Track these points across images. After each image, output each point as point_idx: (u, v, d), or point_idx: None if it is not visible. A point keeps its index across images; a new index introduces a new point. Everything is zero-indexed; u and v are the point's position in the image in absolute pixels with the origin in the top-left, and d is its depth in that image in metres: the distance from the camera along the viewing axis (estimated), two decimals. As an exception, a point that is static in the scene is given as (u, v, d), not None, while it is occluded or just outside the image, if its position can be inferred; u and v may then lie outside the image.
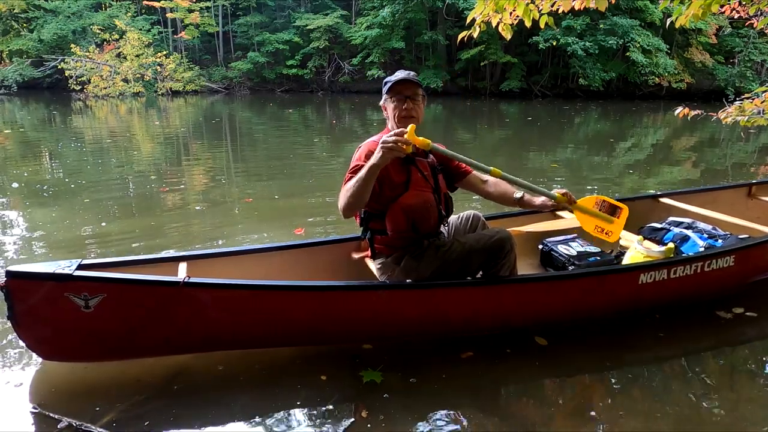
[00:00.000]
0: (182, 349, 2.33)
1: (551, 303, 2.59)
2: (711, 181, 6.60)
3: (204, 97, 22.17)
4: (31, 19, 23.34)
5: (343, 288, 2.30)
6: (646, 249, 2.72)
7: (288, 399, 2.14)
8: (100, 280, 2.05)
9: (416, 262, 2.34)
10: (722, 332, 2.75)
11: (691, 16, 3.32)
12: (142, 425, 1.97)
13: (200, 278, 2.16)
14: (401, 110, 2.24)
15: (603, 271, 2.68)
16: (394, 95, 2.24)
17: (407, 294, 2.35)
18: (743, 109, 4.76)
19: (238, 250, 2.64)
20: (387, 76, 2.39)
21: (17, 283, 2.00)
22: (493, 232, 2.40)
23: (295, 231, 4.17)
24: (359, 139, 7.96)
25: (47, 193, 5.56)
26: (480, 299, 2.46)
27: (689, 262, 2.67)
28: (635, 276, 2.59)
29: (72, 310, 2.05)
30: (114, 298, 2.07)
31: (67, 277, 2.01)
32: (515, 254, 2.43)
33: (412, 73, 2.30)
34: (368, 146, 2.25)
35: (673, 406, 2.13)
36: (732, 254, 2.77)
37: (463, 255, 2.35)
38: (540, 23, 3.31)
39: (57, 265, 2.06)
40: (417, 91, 2.25)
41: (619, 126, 13.91)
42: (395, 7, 21.88)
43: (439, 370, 2.32)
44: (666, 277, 2.63)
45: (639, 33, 20.15)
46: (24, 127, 12.03)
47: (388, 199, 2.25)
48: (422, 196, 2.29)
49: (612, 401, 2.18)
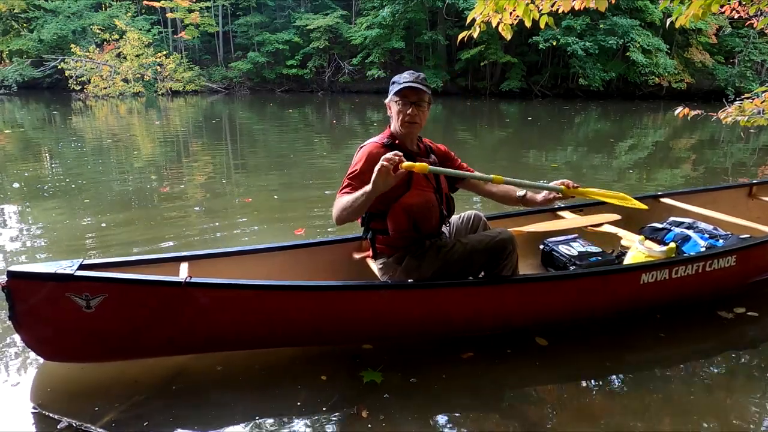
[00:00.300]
0: (184, 350, 2.32)
1: (554, 303, 2.58)
2: (711, 181, 6.60)
3: (204, 97, 22.17)
4: (31, 19, 23.35)
5: (346, 288, 2.30)
6: (648, 249, 2.72)
7: (288, 399, 2.13)
8: (101, 280, 2.04)
9: (418, 262, 2.33)
10: (723, 332, 2.75)
11: (691, 16, 3.32)
12: (142, 425, 1.97)
13: (202, 278, 2.16)
14: (405, 115, 2.25)
15: (605, 270, 2.68)
16: (400, 98, 2.25)
17: (409, 294, 2.35)
18: (743, 109, 4.76)
19: (239, 251, 2.64)
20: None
21: (18, 283, 2.00)
22: (495, 233, 2.40)
23: (295, 231, 4.17)
24: (359, 139, 7.81)
25: (47, 193, 5.56)
26: (483, 299, 2.46)
27: (691, 262, 2.67)
28: (637, 276, 2.59)
29: (73, 311, 2.05)
30: (115, 298, 2.07)
31: (69, 277, 2.01)
32: (517, 255, 2.43)
33: (421, 75, 2.28)
34: (369, 148, 2.25)
35: (674, 406, 2.14)
36: (733, 254, 2.77)
37: (464, 255, 2.35)
38: (540, 23, 3.31)
39: (58, 265, 2.05)
40: (423, 97, 2.25)
41: (619, 126, 13.91)
42: (395, 7, 21.88)
43: (439, 370, 2.32)
44: (667, 277, 2.63)
45: (639, 33, 20.15)
46: (24, 127, 12.03)
47: (389, 199, 2.24)
48: (424, 196, 2.30)
49: (612, 401, 2.18)
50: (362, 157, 2.22)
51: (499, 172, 2.32)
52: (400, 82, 2.26)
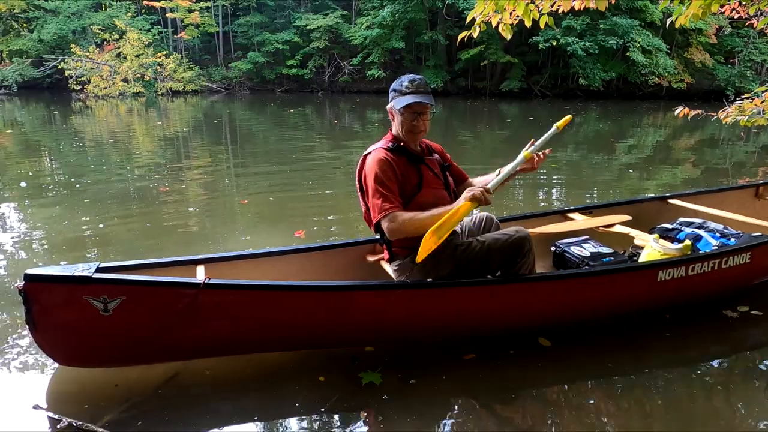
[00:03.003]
0: (204, 353, 2.29)
1: (574, 301, 2.57)
2: (711, 181, 6.60)
3: (204, 97, 22.17)
4: (31, 19, 23.35)
5: (369, 288, 2.29)
6: (663, 247, 2.72)
7: (286, 401, 2.13)
8: (120, 282, 2.03)
9: (435, 261, 2.31)
10: (728, 331, 2.75)
11: (690, 16, 3.32)
12: (142, 425, 1.97)
13: (221, 279, 2.15)
14: (410, 125, 2.29)
15: (625, 268, 2.67)
16: (405, 111, 2.26)
17: (430, 293, 2.33)
18: (743, 109, 4.76)
19: (254, 253, 2.64)
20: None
21: (36, 286, 1.97)
22: (512, 231, 2.41)
23: (295, 233, 4.15)
24: (360, 139, 7.86)
25: (51, 193, 5.57)
26: (505, 298, 2.44)
27: (707, 259, 2.67)
28: (654, 273, 2.58)
29: (90, 314, 2.02)
30: (134, 301, 2.04)
31: (87, 279, 1.98)
32: (534, 254, 2.44)
33: (423, 80, 2.30)
34: (378, 156, 2.26)
35: (676, 406, 2.13)
36: (748, 251, 2.78)
37: (482, 254, 2.35)
38: (540, 23, 3.31)
39: (75, 268, 2.03)
40: (427, 107, 2.28)
41: (619, 126, 13.91)
42: (395, 7, 21.87)
43: (440, 371, 2.31)
44: (684, 275, 2.63)
45: (639, 33, 20.14)
46: (25, 127, 12.03)
47: (403, 200, 2.27)
48: (436, 194, 2.33)
49: (614, 401, 2.17)
50: (378, 167, 2.24)
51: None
52: (402, 90, 2.27)
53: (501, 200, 5.26)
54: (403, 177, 2.27)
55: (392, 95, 2.31)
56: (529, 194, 5.84)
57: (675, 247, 2.70)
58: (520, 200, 5.57)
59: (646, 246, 2.85)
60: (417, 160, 2.34)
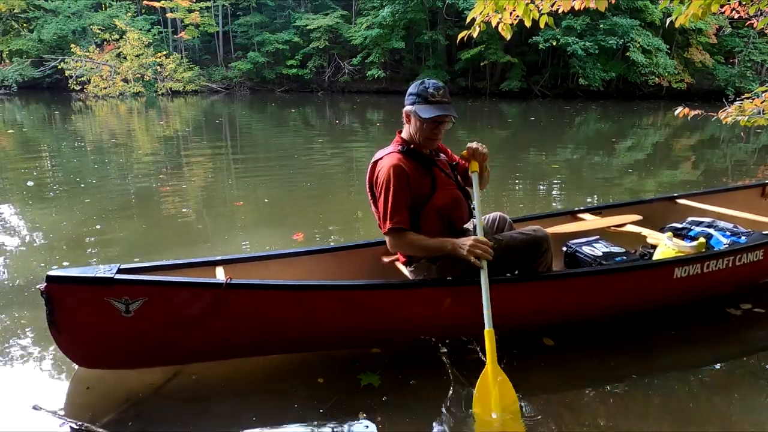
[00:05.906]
0: (225, 354, 2.28)
1: (591, 300, 2.57)
2: (712, 181, 6.60)
3: (204, 97, 22.17)
4: (31, 19, 23.36)
5: (395, 287, 2.28)
6: (677, 245, 2.72)
7: (285, 402, 2.13)
8: (141, 283, 2.03)
9: (452, 261, 2.30)
10: (732, 330, 2.76)
11: (690, 16, 3.31)
12: (142, 425, 1.97)
13: (243, 279, 2.14)
14: (430, 133, 2.28)
15: (642, 265, 2.66)
16: (429, 119, 2.24)
17: (452, 291, 2.33)
18: (743, 109, 4.75)
19: (272, 254, 2.64)
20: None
21: (58, 287, 1.97)
22: (530, 230, 2.42)
23: (293, 236, 4.12)
24: (360, 139, 7.85)
25: (51, 193, 5.56)
26: (526, 295, 2.43)
27: (723, 256, 2.68)
28: (670, 270, 2.58)
29: (112, 316, 2.01)
30: (155, 302, 2.04)
31: (109, 281, 1.98)
32: (552, 253, 2.44)
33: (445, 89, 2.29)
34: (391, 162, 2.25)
35: (678, 405, 2.12)
36: (761, 248, 2.79)
37: (499, 252, 2.32)
38: (540, 23, 3.31)
39: (96, 270, 2.03)
40: (450, 118, 2.28)
41: (620, 126, 13.91)
42: (395, 7, 21.88)
43: (440, 371, 2.31)
44: (699, 272, 2.63)
45: (639, 33, 20.15)
46: (25, 127, 12.03)
47: (419, 204, 2.27)
48: (452, 194, 2.34)
49: (615, 401, 2.17)
50: (391, 175, 2.22)
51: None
52: (427, 98, 2.23)
53: (501, 200, 5.26)
54: (416, 182, 2.26)
55: (413, 99, 2.26)
56: (529, 194, 5.84)
57: (690, 245, 2.71)
58: (521, 200, 5.57)
59: (660, 244, 2.84)
60: (428, 162, 2.34)
